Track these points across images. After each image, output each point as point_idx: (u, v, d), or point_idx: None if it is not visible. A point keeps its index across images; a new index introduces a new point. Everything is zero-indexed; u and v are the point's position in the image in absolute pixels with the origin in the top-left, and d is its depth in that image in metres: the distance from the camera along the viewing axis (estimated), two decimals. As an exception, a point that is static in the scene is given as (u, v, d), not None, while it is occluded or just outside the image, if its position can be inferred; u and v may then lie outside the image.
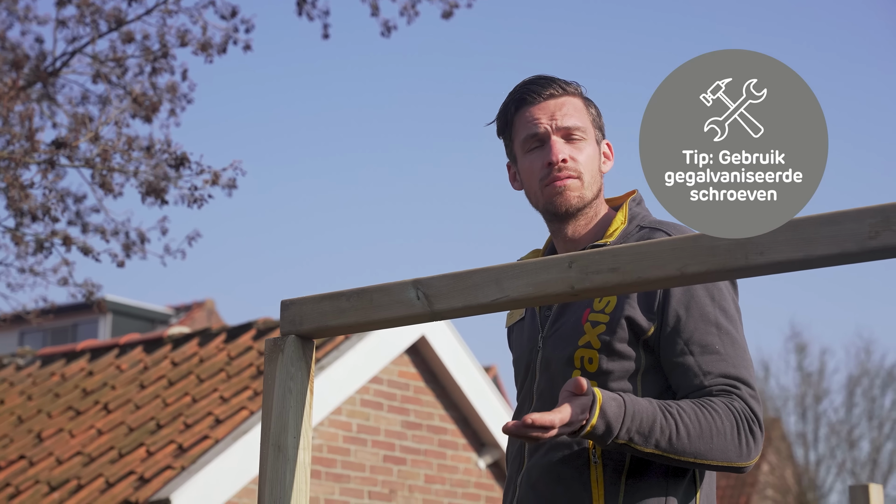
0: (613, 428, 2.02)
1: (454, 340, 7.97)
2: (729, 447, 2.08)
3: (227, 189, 5.25)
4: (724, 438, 2.07)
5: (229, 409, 7.18)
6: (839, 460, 22.30)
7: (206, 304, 22.00)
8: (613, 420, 2.03)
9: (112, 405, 7.87)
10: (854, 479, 22.04)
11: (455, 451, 8.03)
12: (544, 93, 2.27)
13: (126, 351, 8.72)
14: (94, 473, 6.99)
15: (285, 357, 2.03)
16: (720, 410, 2.08)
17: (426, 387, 7.93)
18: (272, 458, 2.00)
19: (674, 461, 2.07)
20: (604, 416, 2.02)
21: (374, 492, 7.51)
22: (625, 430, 2.03)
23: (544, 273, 1.83)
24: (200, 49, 5.87)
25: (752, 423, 2.10)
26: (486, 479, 8.18)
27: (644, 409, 2.05)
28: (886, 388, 22.60)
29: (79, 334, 21.39)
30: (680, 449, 2.06)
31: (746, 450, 2.09)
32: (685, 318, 2.15)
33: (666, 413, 2.06)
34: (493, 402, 8.11)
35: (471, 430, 8.13)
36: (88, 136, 5.02)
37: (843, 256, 1.59)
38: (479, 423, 8.09)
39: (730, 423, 2.08)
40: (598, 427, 2.02)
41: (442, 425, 7.98)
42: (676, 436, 2.05)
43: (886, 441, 22.29)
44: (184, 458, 6.76)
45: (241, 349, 8.01)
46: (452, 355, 7.93)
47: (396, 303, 1.96)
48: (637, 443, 2.04)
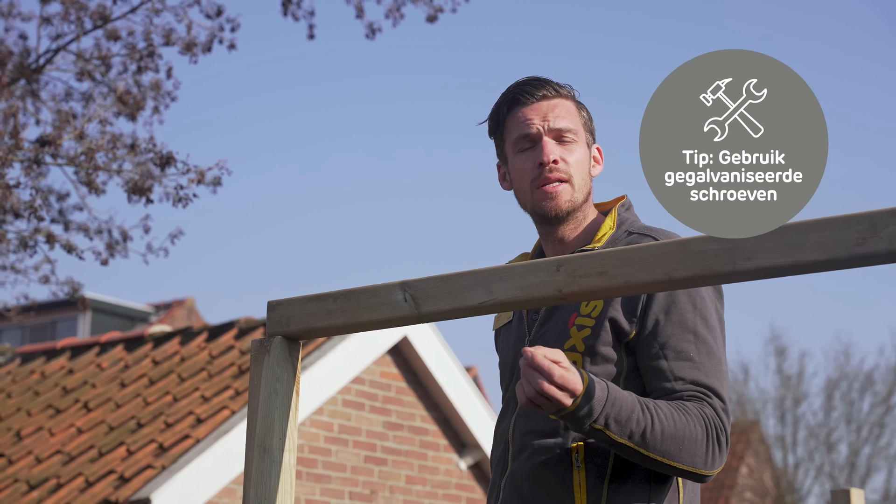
0: (595, 410, 2.00)
1: (436, 341, 7.98)
2: (697, 452, 2.07)
3: (211, 187, 5.25)
4: (694, 443, 2.07)
5: (210, 409, 7.16)
6: (817, 463, 22.39)
7: (186, 303, 21.92)
8: (596, 402, 2.01)
9: (92, 404, 7.83)
10: (832, 482, 22.13)
11: (436, 451, 8.03)
12: (537, 94, 2.27)
13: (107, 349, 8.69)
14: (74, 472, 6.97)
15: (271, 358, 2.03)
16: (693, 415, 2.09)
17: (408, 387, 7.93)
18: (257, 460, 2.00)
19: (641, 457, 2.06)
20: (588, 395, 2.00)
21: (354, 492, 7.50)
22: (603, 414, 2.01)
23: (532, 276, 1.83)
24: (185, 49, 5.86)
25: (720, 433, 2.10)
26: (466, 481, 8.18)
27: (624, 398, 2.05)
28: (865, 391, 22.71)
29: (58, 332, 21.29)
30: (651, 445, 2.04)
31: (711, 458, 2.09)
32: (664, 323, 2.15)
33: (644, 407, 2.06)
34: (474, 403, 8.12)
35: (452, 431, 8.13)
36: (73, 135, 5.00)
37: (831, 263, 1.59)
38: (460, 424, 8.09)
39: (700, 429, 2.08)
40: (582, 405, 1.99)
41: (423, 426, 7.98)
42: (651, 431, 2.04)
43: (864, 444, 22.39)
44: (164, 458, 6.74)
45: (222, 348, 7.99)
46: (434, 356, 7.93)
47: (383, 305, 1.95)
48: (612, 430, 2.02)
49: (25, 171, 5.09)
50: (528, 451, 2.18)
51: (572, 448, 2.14)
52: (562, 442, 2.15)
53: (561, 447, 2.15)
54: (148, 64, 5.88)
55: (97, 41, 6.06)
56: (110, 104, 5.64)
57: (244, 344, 7.93)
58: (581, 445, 2.13)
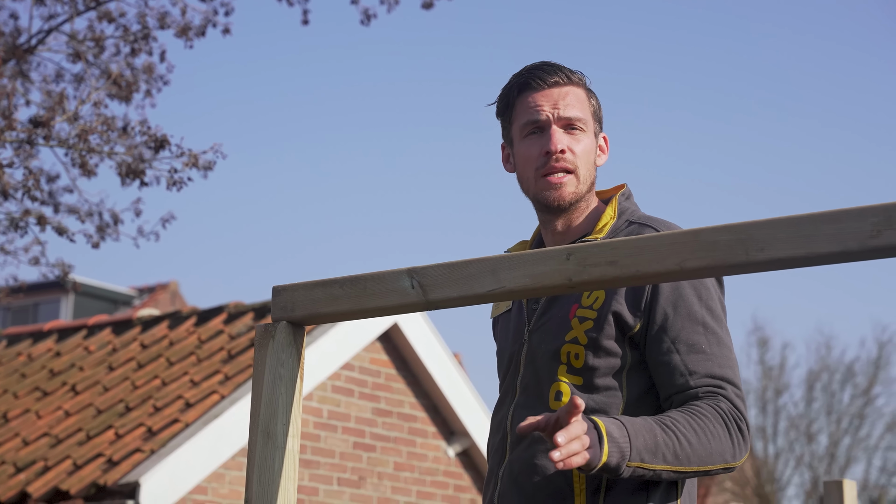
0: (625, 451, 1.98)
1: (426, 328, 7.97)
2: (725, 448, 2.07)
3: (203, 171, 5.22)
4: (720, 441, 2.06)
5: (200, 393, 7.14)
6: (797, 454, 22.51)
7: (169, 286, 21.85)
8: (622, 443, 1.98)
9: (80, 386, 7.81)
10: (812, 472, 22.26)
11: (425, 438, 8.03)
12: (549, 80, 2.26)
13: (94, 332, 8.65)
14: (62, 455, 6.94)
15: (276, 343, 2.01)
16: (709, 414, 2.07)
17: (397, 374, 7.93)
18: (261, 445, 1.98)
19: (679, 475, 2.04)
20: (613, 441, 1.97)
21: (343, 478, 7.50)
22: (635, 451, 1.98)
23: (541, 264, 1.82)
24: (180, 32, 5.82)
25: (740, 422, 2.10)
26: (454, 468, 8.19)
27: (641, 425, 2.02)
28: (845, 383, 22.84)
29: (40, 314, 21.22)
30: (685, 459, 2.03)
31: (738, 449, 2.09)
32: (672, 317, 2.14)
33: (662, 426, 2.04)
34: (463, 390, 8.12)
35: (441, 419, 8.14)
36: (66, 117, 4.97)
37: (845, 254, 1.58)
38: (449, 411, 8.09)
39: (720, 425, 2.07)
40: (613, 454, 1.96)
41: (412, 413, 7.98)
42: (680, 446, 2.02)
43: (844, 436, 22.52)
44: (153, 442, 6.72)
45: (211, 333, 7.97)
46: (424, 343, 7.93)
47: (390, 291, 1.94)
48: (647, 461, 2.00)
49: (16, 151, 5.05)
50: (528, 441, 2.17)
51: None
52: (562, 431, 2.14)
53: (560, 438, 2.14)
54: (142, 46, 5.84)
55: (91, 22, 6.02)
56: (103, 86, 5.60)
57: (233, 328, 7.91)
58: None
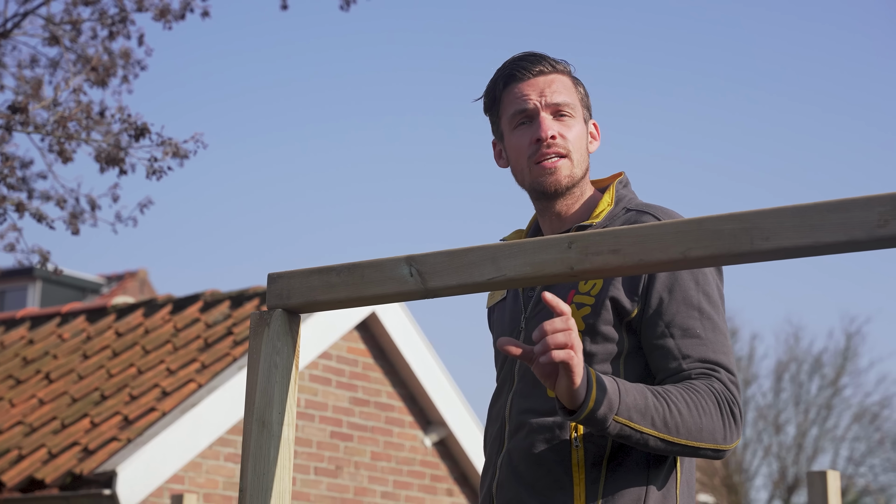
0: (614, 404, 1.95)
1: (404, 318, 7.95)
2: (716, 428, 2.05)
3: (178, 159, 5.17)
4: (711, 418, 2.05)
5: (176, 382, 7.10)
6: (765, 444, 22.67)
7: (138, 274, 21.72)
8: (612, 394, 1.96)
9: (54, 375, 7.74)
10: (780, 463, 22.44)
11: (402, 428, 8.02)
12: (534, 69, 2.25)
13: (68, 320, 8.58)
14: (37, 443, 6.88)
15: (271, 331, 1.99)
16: (702, 391, 2.06)
17: (375, 363, 7.91)
18: (256, 434, 1.96)
19: (667, 445, 2.02)
20: (602, 390, 1.95)
21: (320, 468, 7.47)
22: (623, 406, 1.96)
23: (543, 253, 1.80)
24: (159, 15, 5.76)
25: (733, 405, 2.09)
26: (431, 458, 8.18)
27: (633, 386, 2.01)
28: (813, 374, 23.02)
29: (6, 302, 21.05)
30: (674, 428, 2.00)
31: (729, 432, 2.08)
32: (668, 301, 2.13)
33: (654, 392, 2.03)
34: (441, 380, 8.11)
35: (417, 408, 8.13)
36: (45, 103, 4.91)
37: (851, 244, 1.58)
38: (426, 400, 8.09)
39: (713, 403, 2.06)
40: (600, 402, 1.94)
41: (389, 402, 7.97)
42: (670, 414, 2.00)
43: (812, 426, 22.70)
44: (130, 430, 6.67)
45: (187, 321, 7.92)
46: (402, 333, 7.91)
47: (389, 279, 1.92)
48: (635, 420, 1.97)
49: (-5, 137, 4.99)
50: (526, 430, 2.16)
51: (571, 427, 2.12)
52: (560, 421, 2.13)
53: (560, 426, 2.13)
54: (119, 30, 5.78)
55: (67, 6, 5.95)
56: (81, 70, 5.54)
57: (209, 317, 7.86)
58: (580, 425, 2.11)
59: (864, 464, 22.55)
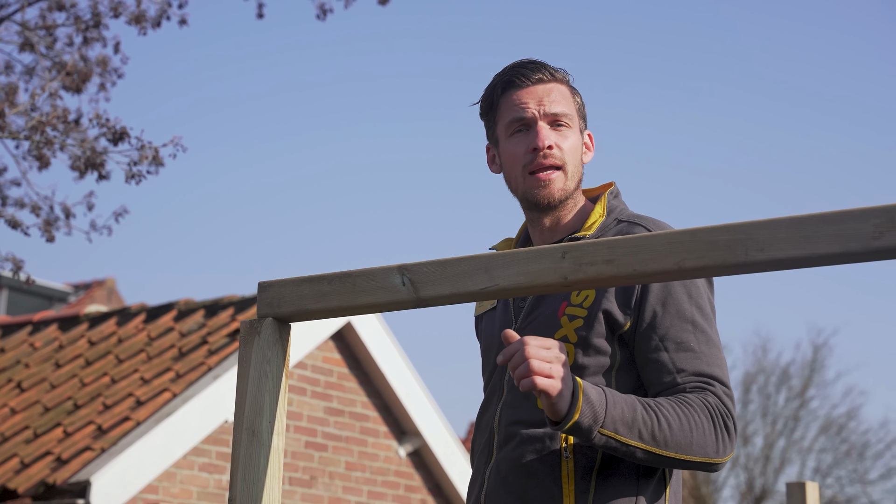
0: (599, 416, 1.96)
1: (380, 328, 7.94)
2: (707, 442, 2.05)
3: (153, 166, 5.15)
4: (703, 433, 2.04)
5: (151, 391, 7.05)
6: (734, 455, 22.77)
7: (106, 283, 21.54)
8: (598, 406, 1.96)
9: (26, 383, 7.67)
10: (747, 474, 22.52)
11: (376, 438, 7.99)
12: (533, 77, 2.25)
13: (40, 328, 8.51)
14: (9, 453, 6.81)
15: (262, 340, 1.98)
16: (696, 405, 2.06)
17: (350, 373, 7.89)
18: (246, 443, 1.95)
19: (654, 457, 2.02)
20: (588, 402, 1.95)
21: (294, 478, 7.44)
22: (609, 419, 1.96)
23: (536, 263, 1.80)
24: (134, 20, 5.73)
25: (727, 419, 2.09)
26: (405, 468, 8.16)
27: (623, 397, 2.01)
28: (781, 385, 23.12)
29: (-31, 310, 20.82)
30: (662, 442, 2.00)
31: (722, 446, 2.07)
32: (661, 315, 2.13)
33: (645, 405, 2.02)
34: (416, 390, 8.09)
35: (392, 418, 8.10)
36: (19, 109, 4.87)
37: (847, 256, 1.58)
38: (401, 410, 8.07)
39: (706, 418, 2.06)
40: (585, 415, 1.95)
41: (364, 412, 7.94)
42: (659, 427, 2.00)
43: (779, 438, 22.81)
44: (103, 440, 6.62)
45: (161, 330, 7.87)
46: (377, 343, 7.89)
47: (381, 288, 1.91)
48: (621, 433, 1.98)
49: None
50: (516, 441, 2.15)
51: (561, 439, 2.12)
52: (550, 432, 2.12)
53: (550, 437, 2.12)
54: (95, 35, 5.75)
55: (42, 12, 5.91)
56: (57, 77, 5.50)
57: (184, 326, 7.81)
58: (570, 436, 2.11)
59: (830, 475, 22.67)
